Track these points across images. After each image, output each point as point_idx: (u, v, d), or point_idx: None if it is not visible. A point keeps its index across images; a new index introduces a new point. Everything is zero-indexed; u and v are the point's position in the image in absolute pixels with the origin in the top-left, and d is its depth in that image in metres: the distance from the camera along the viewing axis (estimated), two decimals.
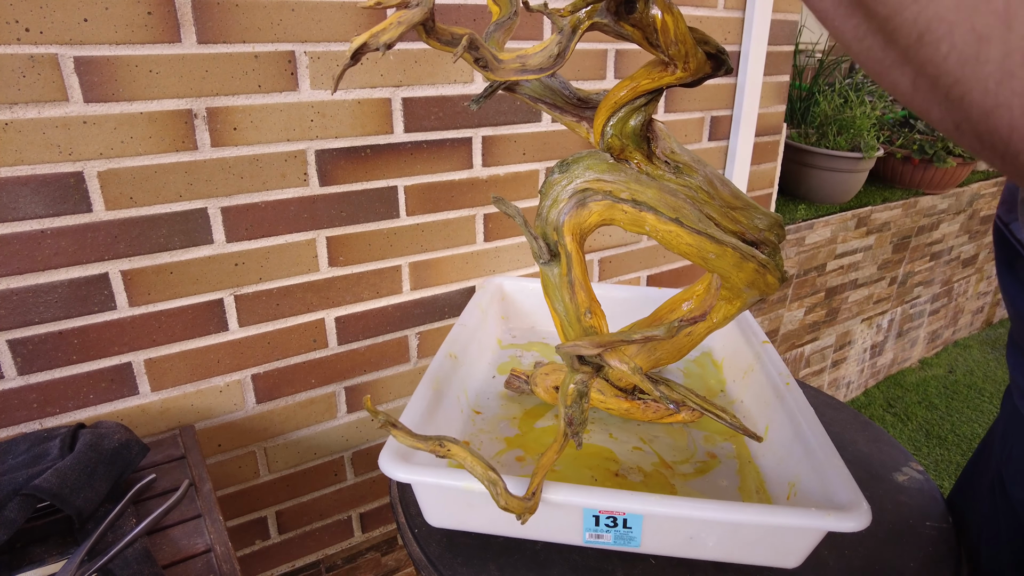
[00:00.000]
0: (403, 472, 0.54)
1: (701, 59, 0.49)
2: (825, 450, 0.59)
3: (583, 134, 0.60)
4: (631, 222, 0.57)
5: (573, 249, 0.56)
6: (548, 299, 0.57)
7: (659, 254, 1.38)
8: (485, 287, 0.91)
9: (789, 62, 1.42)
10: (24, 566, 0.65)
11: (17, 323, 0.80)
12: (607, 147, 0.56)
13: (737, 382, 0.81)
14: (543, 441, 0.71)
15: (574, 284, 0.55)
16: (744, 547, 0.56)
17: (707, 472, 0.67)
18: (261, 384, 1.00)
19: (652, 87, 0.51)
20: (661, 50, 0.48)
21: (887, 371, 2.47)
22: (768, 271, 0.60)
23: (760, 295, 0.62)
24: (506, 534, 0.60)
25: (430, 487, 0.57)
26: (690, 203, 0.56)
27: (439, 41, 0.46)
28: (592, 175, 0.56)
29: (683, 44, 0.47)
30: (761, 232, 0.59)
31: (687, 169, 0.56)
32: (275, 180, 0.91)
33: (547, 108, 0.60)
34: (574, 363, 0.53)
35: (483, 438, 0.71)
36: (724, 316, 0.66)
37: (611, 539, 0.56)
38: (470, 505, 0.57)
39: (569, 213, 0.56)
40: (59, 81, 0.75)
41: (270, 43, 0.85)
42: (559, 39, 0.47)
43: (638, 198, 0.56)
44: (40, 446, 0.75)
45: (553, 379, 0.74)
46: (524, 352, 0.89)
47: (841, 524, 0.50)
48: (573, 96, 0.60)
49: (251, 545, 1.09)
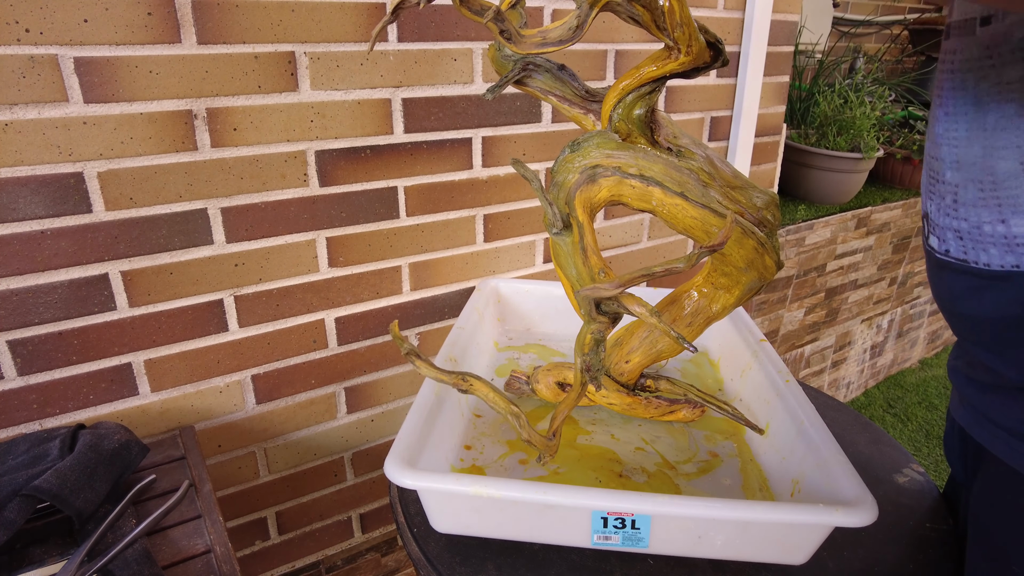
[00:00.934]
0: (409, 478, 0.54)
1: (702, 45, 0.52)
2: (828, 447, 0.59)
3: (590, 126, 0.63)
4: (638, 197, 0.60)
5: (584, 220, 0.59)
6: (559, 268, 0.60)
7: (659, 255, 1.38)
8: (481, 289, 0.91)
9: (789, 62, 1.42)
10: (24, 567, 0.65)
11: (17, 324, 0.80)
12: (614, 131, 0.59)
13: (735, 380, 0.81)
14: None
15: (587, 250, 0.59)
16: (752, 545, 0.56)
17: (710, 471, 0.68)
18: (261, 384, 1.00)
19: (657, 75, 0.54)
20: (667, 33, 0.51)
21: (887, 371, 2.47)
22: (766, 252, 0.62)
23: (758, 278, 0.64)
24: (513, 538, 0.59)
25: (436, 493, 0.57)
26: (694, 180, 0.59)
27: (470, 9, 0.50)
28: (601, 152, 0.59)
29: (687, 27, 0.51)
30: (759, 211, 0.61)
31: (688, 152, 0.59)
32: (275, 180, 0.91)
33: (556, 101, 0.63)
34: (592, 311, 0.55)
35: (485, 441, 0.71)
36: (723, 306, 0.67)
37: (619, 540, 0.56)
38: (477, 510, 0.57)
39: (580, 188, 0.59)
40: (59, 81, 0.75)
41: (270, 43, 0.85)
42: (578, 13, 0.50)
43: (645, 173, 0.59)
44: (40, 447, 0.75)
45: (555, 375, 0.74)
46: (521, 354, 0.89)
47: (848, 519, 0.50)
48: (582, 89, 0.64)
49: (251, 546, 1.09)
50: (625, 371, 0.71)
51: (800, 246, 1.79)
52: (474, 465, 0.67)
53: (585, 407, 0.77)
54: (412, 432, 0.59)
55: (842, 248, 1.93)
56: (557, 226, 0.58)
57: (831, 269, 1.94)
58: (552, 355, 0.90)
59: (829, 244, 1.88)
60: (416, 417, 0.62)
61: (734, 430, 0.74)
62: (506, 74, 0.62)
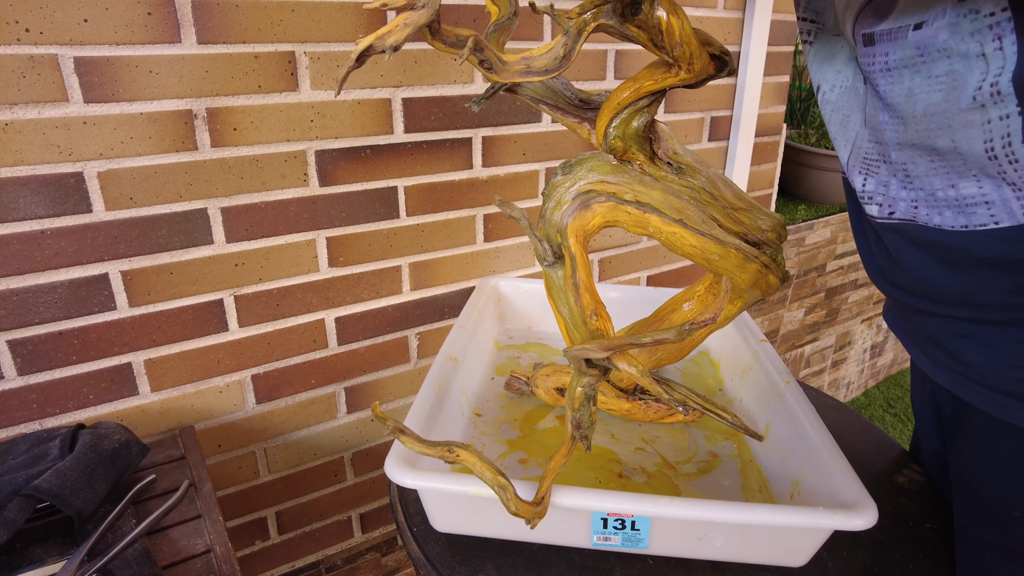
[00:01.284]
0: (409, 478, 0.54)
1: (705, 61, 0.49)
2: (828, 449, 0.59)
3: (585, 136, 0.60)
4: (635, 223, 0.57)
5: (577, 251, 0.55)
6: (552, 301, 0.57)
7: (659, 255, 1.38)
8: (481, 288, 0.91)
9: (789, 62, 1.42)
10: (24, 566, 0.65)
11: (17, 323, 0.80)
12: (610, 148, 0.55)
13: (735, 381, 0.81)
14: (545, 443, 0.71)
15: (579, 286, 0.55)
16: (752, 547, 0.56)
17: (710, 472, 0.68)
18: (261, 384, 1.00)
19: (655, 88, 0.51)
20: (666, 51, 0.48)
21: (887, 371, 2.47)
22: (770, 271, 0.60)
23: (762, 295, 0.62)
24: (513, 538, 0.59)
25: (437, 493, 0.57)
26: (694, 204, 0.56)
27: (444, 43, 0.46)
28: (596, 176, 0.56)
29: (688, 46, 0.47)
30: (764, 233, 0.59)
31: (690, 170, 0.56)
32: (275, 180, 0.91)
33: (548, 109, 0.60)
34: (581, 366, 0.53)
35: (485, 440, 0.71)
36: (726, 316, 0.66)
37: (619, 541, 0.57)
38: (477, 510, 0.57)
39: (573, 215, 0.56)
40: (59, 81, 0.75)
41: (270, 43, 0.85)
42: (564, 41, 0.47)
43: (642, 199, 0.56)
44: (40, 447, 0.75)
45: (554, 380, 0.74)
46: (522, 353, 0.89)
47: (849, 523, 0.51)
48: (575, 97, 0.60)
49: (251, 545, 1.09)
50: (624, 377, 0.71)
51: (800, 246, 1.79)
52: None
53: None
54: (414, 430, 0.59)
55: (842, 248, 1.93)
56: (548, 259, 0.55)
57: (831, 269, 1.94)
58: (552, 354, 0.90)
59: (829, 244, 1.88)
60: (416, 417, 0.61)
61: (734, 431, 0.74)
62: (492, 85, 0.58)
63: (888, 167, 0.54)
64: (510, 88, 0.59)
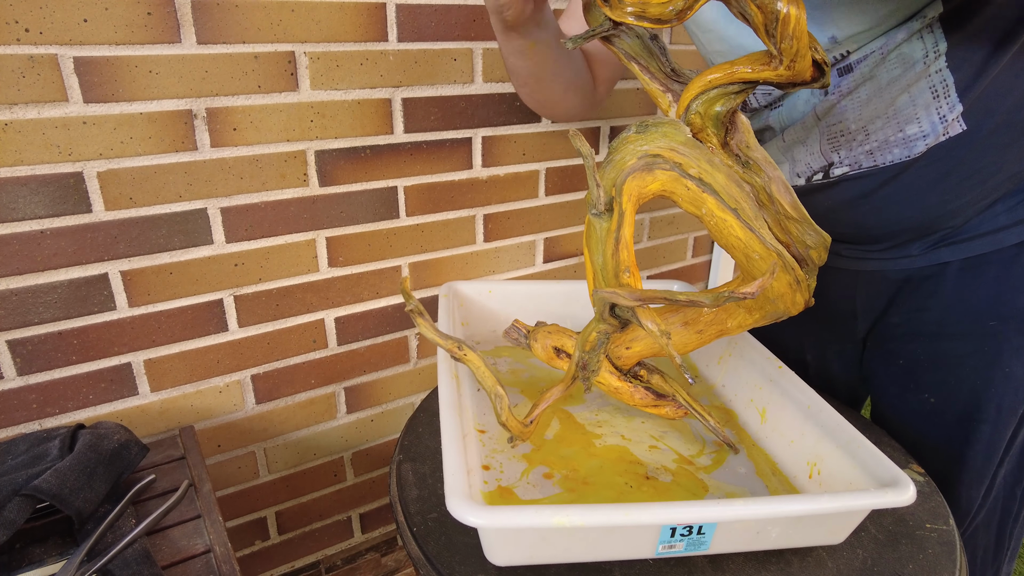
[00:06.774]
0: (480, 517, 0.49)
1: (807, 63, 0.48)
2: (845, 429, 0.61)
3: (664, 106, 0.59)
4: (690, 200, 0.57)
5: (628, 209, 0.55)
6: (588, 250, 0.57)
7: (660, 255, 1.38)
8: (446, 295, 0.86)
9: None
10: (24, 566, 0.65)
11: (17, 323, 0.80)
12: (688, 122, 0.55)
13: (711, 367, 0.82)
14: (561, 452, 0.68)
15: (619, 242, 0.56)
16: (802, 532, 0.58)
17: (723, 462, 0.68)
18: (261, 384, 1.00)
19: (749, 77, 0.51)
20: (774, 41, 0.47)
21: None
22: (799, 290, 0.59)
23: (783, 311, 0.61)
24: (577, 560, 0.57)
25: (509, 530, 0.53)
26: (751, 200, 0.56)
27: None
28: (666, 143, 0.56)
29: (798, 41, 0.47)
30: (807, 248, 0.58)
31: (755, 167, 0.56)
32: (275, 180, 0.92)
33: (639, 69, 0.59)
34: (604, 312, 0.53)
35: (500, 459, 0.66)
36: (739, 324, 0.65)
37: (683, 547, 0.56)
38: (544, 539, 0.54)
39: (633, 174, 0.55)
40: (59, 81, 0.75)
41: (270, 43, 0.85)
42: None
43: (705, 179, 0.55)
44: (40, 447, 0.75)
45: (554, 339, 0.71)
46: (495, 359, 0.85)
47: (896, 499, 0.53)
48: (668, 65, 0.59)
49: (251, 545, 1.09)
50: (623, 356, 0.70)
51: None
52: (500, 486, 0.63)
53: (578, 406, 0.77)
54: (457, 466, 0.55)
55: None
56: (598, 207, 0.54)
57: None
58: (527, 356, 0.86)
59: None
60: (453, 448, 0.57)
61: (727, 418, 0.75)
62: (595, 27, 0.57)
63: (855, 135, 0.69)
64: (607, 37, 0.58)
